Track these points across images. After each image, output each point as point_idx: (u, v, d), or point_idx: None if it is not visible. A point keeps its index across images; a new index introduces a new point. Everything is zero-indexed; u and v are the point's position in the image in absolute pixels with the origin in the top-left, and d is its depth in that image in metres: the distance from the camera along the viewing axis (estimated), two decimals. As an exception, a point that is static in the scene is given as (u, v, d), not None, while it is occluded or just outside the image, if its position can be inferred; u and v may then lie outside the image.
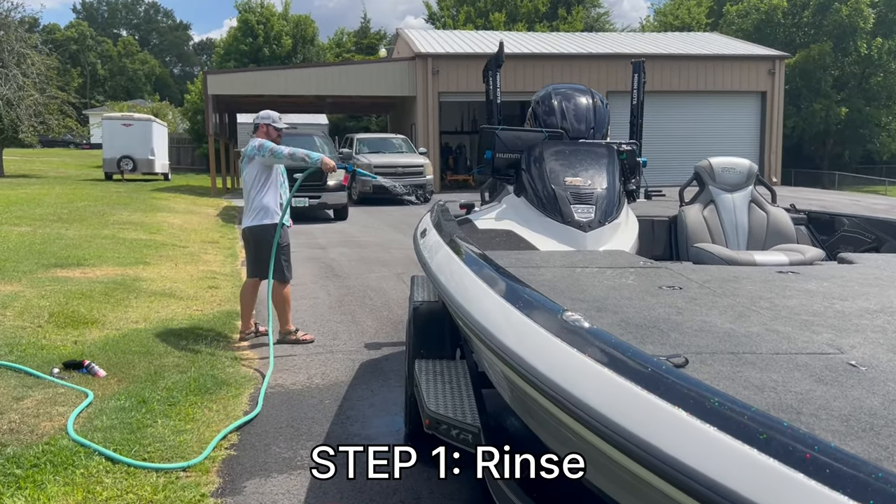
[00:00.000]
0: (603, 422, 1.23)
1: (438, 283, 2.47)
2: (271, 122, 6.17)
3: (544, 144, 3.42)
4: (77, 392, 4.58)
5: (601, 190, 3.19)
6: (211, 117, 23.40)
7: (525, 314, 1.69)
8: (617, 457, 1.21)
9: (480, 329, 1.85)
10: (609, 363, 1.35)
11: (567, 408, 1.35)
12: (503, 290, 1.90)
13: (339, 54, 45.41)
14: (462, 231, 3.22)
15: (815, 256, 3.93)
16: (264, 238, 6.06)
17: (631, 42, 28.30)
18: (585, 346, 1.43)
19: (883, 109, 36.48)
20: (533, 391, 1.52)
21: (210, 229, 13.96)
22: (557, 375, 1.41)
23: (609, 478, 1.44)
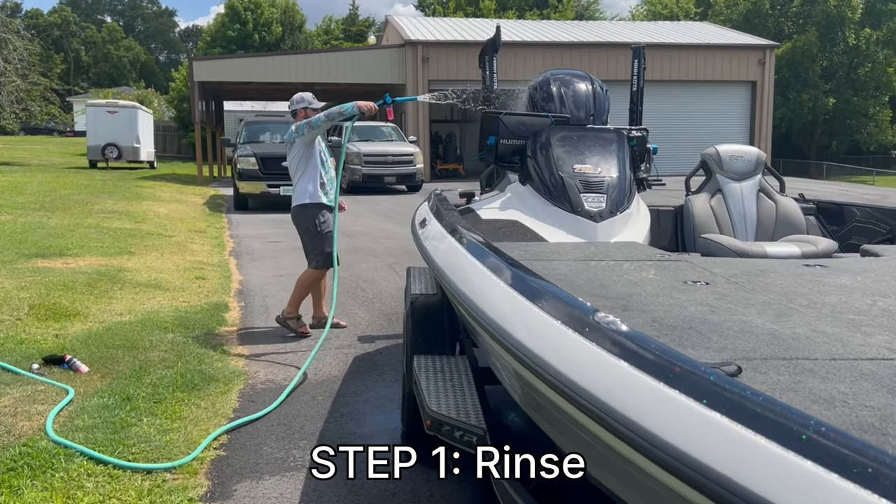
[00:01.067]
0: (661, 446, 1.07)
1: (444, 276, 2.30)
2: (307, 104, 6.00)
3: (551, 130, 3.24)
4: (58, 389, 4.38)
5: (612, 178, 3.03)
6: (197, 104, 23.05)
7: (550, 315, 1.52)
8: (678, 487, 1.05)
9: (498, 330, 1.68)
10: (660, 375, 1.18)
11: (612, 427, 1.19)
12: (523, 287, 1.73)
13: (327, 41, 44.93)
14: (465, 221, 3.05)
15: (828, 248, 3.79)
16: (302, 220, 5.94)
17: (622, 31, 28.12)
18: (626, 353, 1.27)
19: (871, 100, 36.53)
20: (565, 403, 1.36)
21: (197, 218, 13.71)
22: (597, 388, 1.25)
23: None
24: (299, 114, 6.04)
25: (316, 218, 5.91)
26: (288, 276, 8.43)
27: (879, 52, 36.03)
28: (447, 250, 2.45)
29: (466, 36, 25.20)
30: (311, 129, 5.74)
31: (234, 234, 12.04)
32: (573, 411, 1.33)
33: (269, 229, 12.57)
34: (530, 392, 1.62)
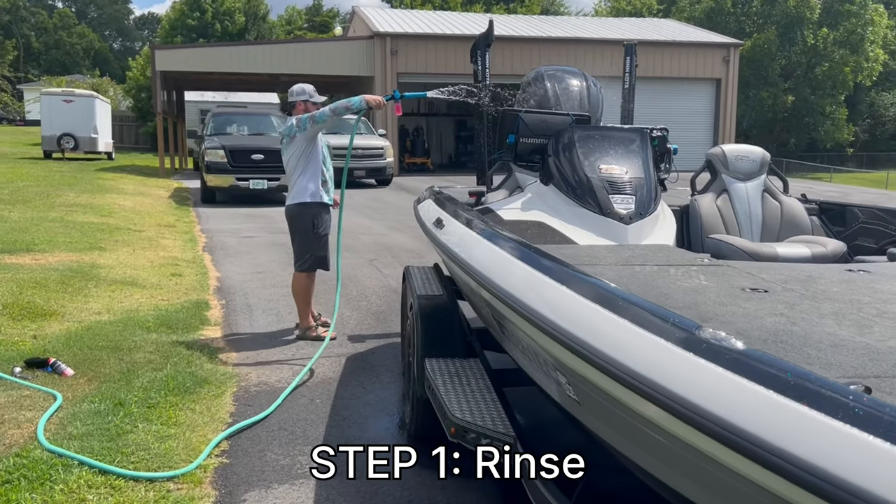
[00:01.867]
0: (822, 476, 1.00)
1: (489, 283, 2.20)
2: (308, 97, 5.75)
3: (574, 129, 3.17)
4: (44, 394, 4.18)
5: (639, 179, 2.97)
6: (159, 94, 22.47)
7: (652, 331, 1.45)
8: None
9: (590, 351, 1.58)
10: (796, 396, 1.12)
11: (756, 455, 1.12)
12: (615, 304, 1.64)
13: (290, 32, 44.28)
14: (492, 224, 2.97)
15: (837, 249, 3.80)
16: (300, 219, 5.71)
17: (589, 26, 28.26)
18: (754, 374, 1.20)
19: (828, 99, 37.39)
20: (689, 431, 1.28)
21: (164, 212, 13.36)
22: (724, 410, 1.18)
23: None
24: (298, 106, 5.78)
25: (315, 219, 5.72)
26: (266, 273, 8.26)
27: (836, 52, 36.87)
28: (488, 256, 2.36)
29: (435, 29, 25.04)
30: (314, 124, 5.52)
31: (205, 228, 11.76)
32: (699, 439, 1.26)
33: (240, 224, 12.32)
34: (628, 416, 1.54)
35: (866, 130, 45.30)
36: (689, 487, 1.48)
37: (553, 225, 2.88)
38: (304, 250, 5.79)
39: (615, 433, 1.75)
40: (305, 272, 5.80)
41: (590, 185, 2.93)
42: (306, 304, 5.82)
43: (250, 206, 14.76)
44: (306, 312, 5.84)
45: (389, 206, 15.42)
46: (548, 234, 2.80)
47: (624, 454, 1.78)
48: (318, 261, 5.83)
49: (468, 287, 2.88)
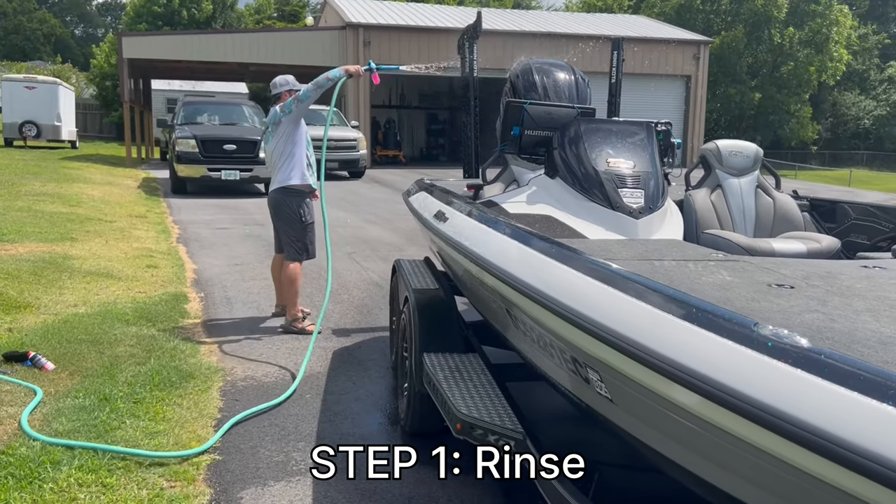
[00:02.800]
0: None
1: (512, 277, 2.15)
2: (290, 86, 5.80)
3: (580, 121, 3.14)
4: (25, 389, 4.04)
5: (647, 173, 2.95)
6: (126, 83, 21.98)
7: (705, 328, 1.42)
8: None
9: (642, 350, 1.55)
10: (882, 397, 1.09)
11: (846, 460, 1.09)
12: (660, 300, 1.61)
13: (259, 21, 43.64)
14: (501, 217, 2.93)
15: (832, 245, 3.83)
16: (284, 207, 5.68)
17: (563, 22, 28.32)
18: (829, 373, 1.17)
19: (793, 97, 38.03)
20: (763, 435, 1.25)
21: (134, 202, 13.07)
22: (807, 413, 1.15)
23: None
24: (283, 96, 5.79)
25: (301, 206, 5.71)
26: (244, 265, 8.12)
27: (801, 52, 37.51)
28: (508, 250, 2.32)
29: (409, 21, 24.87)
30: (299, 103, 5.53)
31: (178, 219, 11.53)
32: (772, 441, 1.23)
33: (213, 215, 12.11)
34: (680, 416, 1.51)
35: (829, 129, 46.21)
36: (743, 487, 1.46)
37: (561, 219, 2.85)
38: (294, 238, 5.75)
39: (654, 431, 1.72)
40: (299, 261, 5.78)
41: (598, 179, 2.90)
42: (297, 293, 5.78)
43: (222, 197, 14.51)
44: (295, 302, 5.78)
45: (364, 198, 15.30)
46: (556, 228, 2.77)
47: (660, 451, 1.75)
48: (309, 248, 5.82)
49: (476, 280, 2.84)
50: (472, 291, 3.34)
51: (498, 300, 2.63)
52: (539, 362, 2.50)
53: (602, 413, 1.96)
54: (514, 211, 3.02)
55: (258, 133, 15.18)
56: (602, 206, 2.85)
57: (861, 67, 46.23)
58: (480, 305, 3.30)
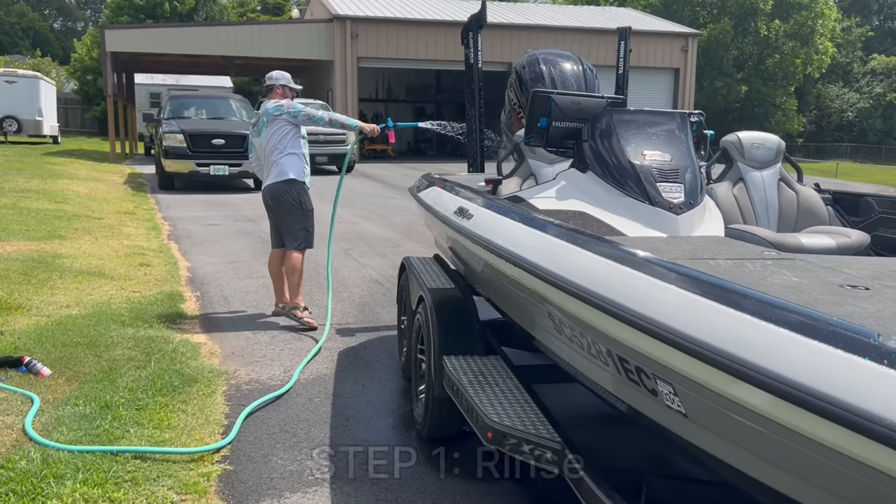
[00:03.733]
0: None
1: (570, 283, 2.00)
2: (286, 82, 5.76)
3: (612, 112, 3.00)
4: (21, 397, 3.84)
5: (684, 166, 2.81)
6: (110, 76, 21.58)
7: (819, 340, 1.28)
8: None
9: (733, 360, 1.41)
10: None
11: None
12: (748, 303, 1.47)
13: (242, 14, 43.11)
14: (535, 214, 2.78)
15: (862, 240, 3.71)
16: (285, 196, 5.63)
17: (551, 15, 28.17)
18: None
19: (779, 90, 38.11)
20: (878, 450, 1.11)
21: (121, 199, 12.80)
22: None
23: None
24: (276, 90, 5.72)
25: (301, 194, 5.67)
26: (239, 263, 7.93)
27: (787, 44, 37.58)
28: (557, 251, 2.17)
29: (396, 13, 24.61)
30: (307, 119, 5.59)
31: (167, 216, 11.29)
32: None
33: (203, 211, 11.87)
34: (777, 433, 1.37)
35: (813, 121, 46.42)
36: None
37: (595, 214, 2.70)
38: (296, 227, 5.72)
39: (739, 449, 1.58)
40: (302, 250, 5.76)
41: (634, 173, 2.75)
42: (300, 282, 5.80)
43: (210, 192, 14.26)
44: (298, 290, 5.77)
45: (355, 193, 15.09)
46: (591, 225, 2.62)
47: (740, 469, 1.61)
48: (310, 235, 5.79)
49: (507, 281, 2.68)
50: (498, 291, 3.19)
51: (537, 303, 2.48)
52: (585, 370, 2.35)
53: (669, 428, 1.82)
54: (544, 207, 2.87)
55: (247, 127, 14.91)
56: (639, 201, 2.71)
57: (844, 60, 46.44)
58: (508, 306, 3.15)
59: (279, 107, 5.57)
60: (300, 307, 5.73)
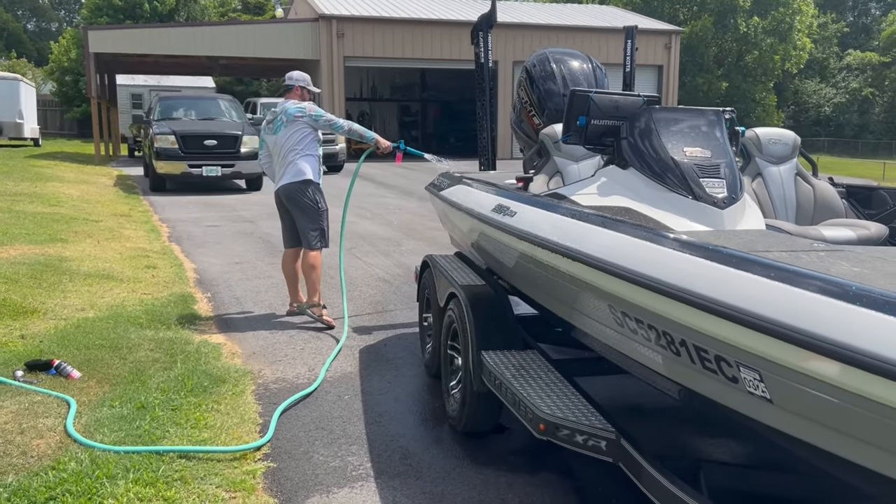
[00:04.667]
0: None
1: (646, 277, 2.07)
2: (306, 84, 5.79)
3: (651, 110, 3.08)
4: (56, 400, 3.85)
5: (725, 161, 2.90)
6: (93, 78, 21.37)
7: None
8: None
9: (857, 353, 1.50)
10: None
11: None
12: (833, 289, 1.55)
13: (224, 14, 42.81)
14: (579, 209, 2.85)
15: (881, 232, 3.81)
16: (301, 196, 5.68)
17: (535, 13, 28.29)
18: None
19: (758, 85, 38.56)
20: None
21: (115, 201, 12.71)
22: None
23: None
24: (295, 91, 5.75)
25: (316, 193, 5.74)
26: (245, 263, 7.94)
27: (766, 40, 38.03)
28: (624, 246, 2.24)
29: (382, 12, 24.61)
30: (328, 124, 5.69)
31: (164, 217, 11.24)
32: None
33: (199, 213, 11.83)
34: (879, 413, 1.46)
35: (791, 117, 47.00)
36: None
37: (640, 210, 2.77)
38: (313, 227, 5.77)
39: (824, 428, 1.66)
40: (319, 249, 5.83)
41: (678, 169, 2.83)
42: (318, 279, 5.86)
43: (203, 194, 14.20)
44: (317, 288, 5.84)
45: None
46: (637, 220, 2.70)
47: (829, 451, 1.69)
48: (325, 234, 5.85)
49: (564, 276, 2.75)
50: (541, 287, 3.25)
51: (595, 298, 2.55)
52: (646, 361, 2.42)
53: (749, 414, 1.89)
54: (587, 203, 2.94)
55: (239, 127, 14.88)
56: (683, 196, 2.79)
57: (821, 56, 47.07)
58: (551, 301, 3.21)
59: (301, 109, 5.61)
60: (319, 305, 5.78)
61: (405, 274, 7.53)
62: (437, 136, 31.05)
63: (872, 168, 27.16)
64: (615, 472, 3.25)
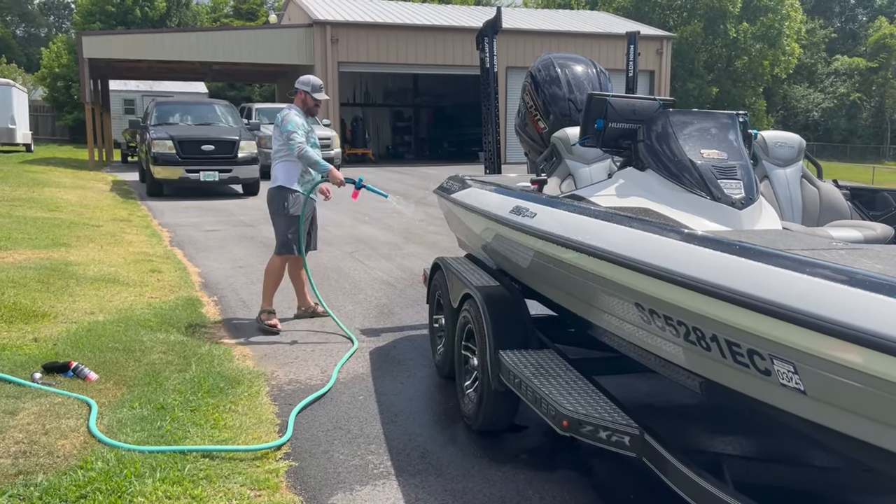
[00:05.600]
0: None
1: (674, 273, 2.14)
2: (307, 87, 5.69)
3: (668, 113, 3.16)
4: (77, 402, 3.88)
5: (741, 163, 2.98)
6: (87, 83, 21.35)
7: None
8: None
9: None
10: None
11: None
12: (863, 281, 1.63)
13: (216, 19, 42.80)
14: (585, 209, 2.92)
15: (886, 233, 3.90)
16: (272, 202, 5.72)
17: (529, 18, 28.43)
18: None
19: (748, 90, 38.87)
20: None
21: (113, 206, 12.71)
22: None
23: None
24: (299, 95, 5.75)
25: (286, 199, 5.65)
26: (248, 267, 7.98)
27: (755, 46, 38.36)
28: (656, 245, 2.31)
29: (376, 18, 24.69)
30: (287, 140, 5.47)
31: (164, 222, 11.26)
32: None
33: (198, 217, 11.85)
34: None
35: (780, 121, 47.38)
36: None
37: (660, 210, 2.84)
38: (278, 232, 5.77)
39: (864, 419, 1.73)
40: (279, 255, 5.79)
41: (697, 170, 2.91)
42: (272, 287, 5.80)
43: (201, 198, 14.22)
44: (269, 296, 5.79)
45: (345, 197, 15.06)
46: (657, 220, 2.77)
47: (858, 437, 1.76)
48: (289, 243, 5.72)
49: (588, 276, 2.81)
50: (561, 287, 3.32)
51: (621, 297, 2.62)
52: (672, 357, 2.49)
53: (782, 406, 1.96)
54: (606, 204, 3.01)
55: (236, 132, 14.91)
56: (702, 196, 2.86)
57: (809, 61, 47.50)
58: (571, 301, 3.28)
59: (280, 116, 5.64)
60: (265, 310, 5.76)
61: (408, 277, 7.59)
62: (430, 141, 31.13)
63: (861, 172, 27.41)
64: (632, 468, 3.34)
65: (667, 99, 3.43)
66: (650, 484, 2.76)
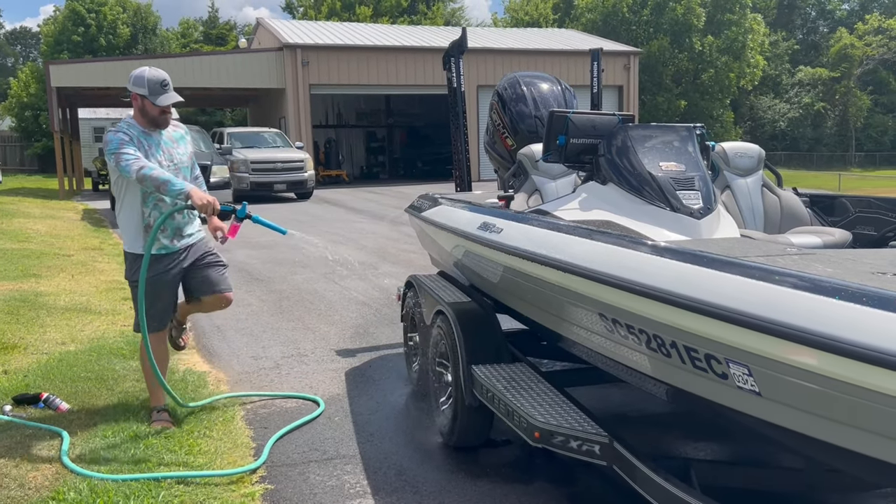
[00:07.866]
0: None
1: (633, 283, 2.20)
2: (148, 91, 3.80)
3: (627, 128, 3.24)
4: (48, 433, 3.84)
5: (698, 175, 3.06)
6: (55, 112, 21.18)
7: (879, 307, 1.52)
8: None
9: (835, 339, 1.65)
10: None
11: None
12: (819, 285, 1.69)
13: (185, 45, 42.75)
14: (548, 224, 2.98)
15: (844, 238, 4.01)
16: (127, 271, 4.28)
17: (497, 38, 28.76)
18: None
19: (716, 102, 39.56)
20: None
21: (84, 235, 12.59)
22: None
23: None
24: (135, 100, 3.87)
25: (133, 267, 4.19)
26: (222, 291, 7.92)
27: (720, 59, 39.10)
28: (616, 256, 2.37)
29: (346, 40, 24.83)
30: (115, 165, 3.81)
31: (135, 249, 11.16)
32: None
33: (171, 243, 11.76)
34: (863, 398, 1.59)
35: (748, 132, 48.21)
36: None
37: (621, 222, 2.91)
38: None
39: (810, 416, 1.79)
40: (140, 332, 4.09)
41: (656, 183, 2.99)
42: (149, 377, 4.16)
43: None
44: (150, 387, 4.22)
45: (319, 219, 15.12)
46: (618, 232, 2.83)
47: (816, 437, 1.82)
48: (135, 317, 4.17)
49: (554, 289, 2.87)
50: (530, 301, 3.37)
51: (586, 308, 2.67)
52: (637, 365, 2.54)
53: (739, 408, 2.02)
54: (570, 218, 3.07)
55: (208, 157, 14.89)
56: (661, 208, 2.94)
57: (774, 72, 48.47)
58: (540, 314, 3.33)
59: (107, 134, 3.93)
60: (155, 408, 4.15)
61: (383, 297, 7.60)
62: (404, 160, 31.24)
63: (828, 180, 27.99)
64: (606, 478, 3.38)
65: (626, 114, 3.52)
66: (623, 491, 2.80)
